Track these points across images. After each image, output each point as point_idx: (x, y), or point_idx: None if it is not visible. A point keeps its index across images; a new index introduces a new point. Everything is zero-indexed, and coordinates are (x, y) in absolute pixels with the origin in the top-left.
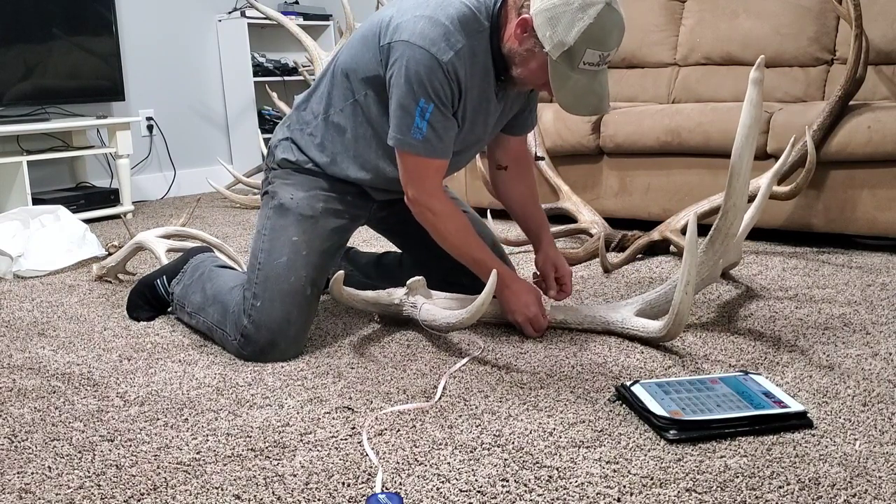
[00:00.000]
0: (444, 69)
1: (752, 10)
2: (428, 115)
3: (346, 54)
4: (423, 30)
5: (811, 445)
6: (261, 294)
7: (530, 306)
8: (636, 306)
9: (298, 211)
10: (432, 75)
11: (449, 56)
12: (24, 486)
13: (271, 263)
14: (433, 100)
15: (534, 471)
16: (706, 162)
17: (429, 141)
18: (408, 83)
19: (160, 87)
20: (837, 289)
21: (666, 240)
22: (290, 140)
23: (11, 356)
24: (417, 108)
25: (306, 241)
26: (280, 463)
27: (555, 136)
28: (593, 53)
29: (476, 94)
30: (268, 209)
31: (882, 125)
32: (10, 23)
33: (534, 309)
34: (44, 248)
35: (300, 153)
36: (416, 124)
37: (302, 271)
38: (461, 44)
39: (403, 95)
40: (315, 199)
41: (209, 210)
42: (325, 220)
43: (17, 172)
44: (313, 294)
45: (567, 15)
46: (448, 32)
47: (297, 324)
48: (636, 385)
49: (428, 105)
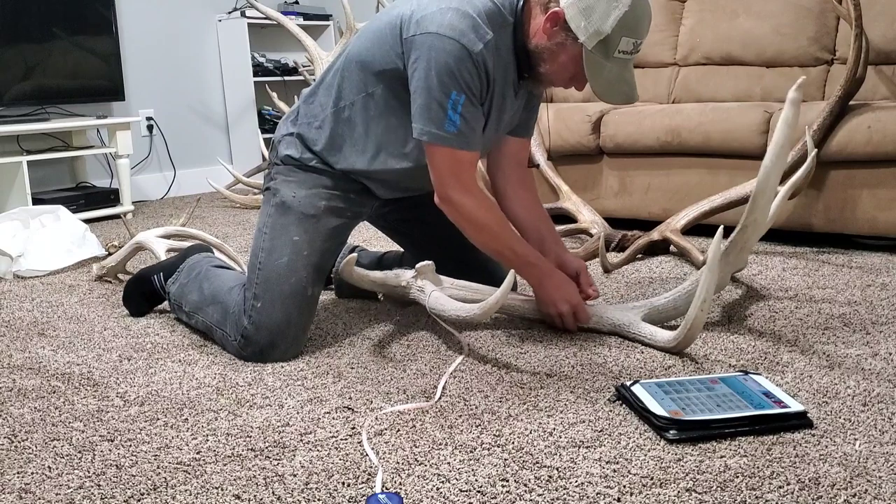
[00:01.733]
0: (474, 60)
1: (752, 10)
2: (460, 108)
3: (360, 46)
4: (452, 21)
5: (811, 445)
6: (261, 295)
7: (574, 295)
8: (643, 310)
9: (300, 209)
10: (462, 66)
11: (479, 47)
12: (24, 486)
13: (272, 264)
14: (465, 91)
15: (534, 471)
16: (706, 162)
17: (462, 133)
18: (439, 76)
19: (160, 87)
20: (837, 289)
21: (666, 240)
22: (296, 135)
23: (11, 356)
24: (449, 101)
25: (308, 240)
26: (280, 463)
27: (555, 136)
28: (627, 41)
29: (500, 89)
30: (269, 206)
31: (882, 125)
32: (10, 23)
33: (577, 298)
34: (44, 248)
35: (305, 149)
36: (450, 117)
37: (303, 272)
38: (489, 35)
39: (434, 88)
40: (317, 198)
41: (209, 210)
42: (326, 218)
43: (17, 172)
44: (314, 294)
45: (601, 4)
46: (477, 24)
47: (298, 325)
48: (636, 385)
49: (460, 97)
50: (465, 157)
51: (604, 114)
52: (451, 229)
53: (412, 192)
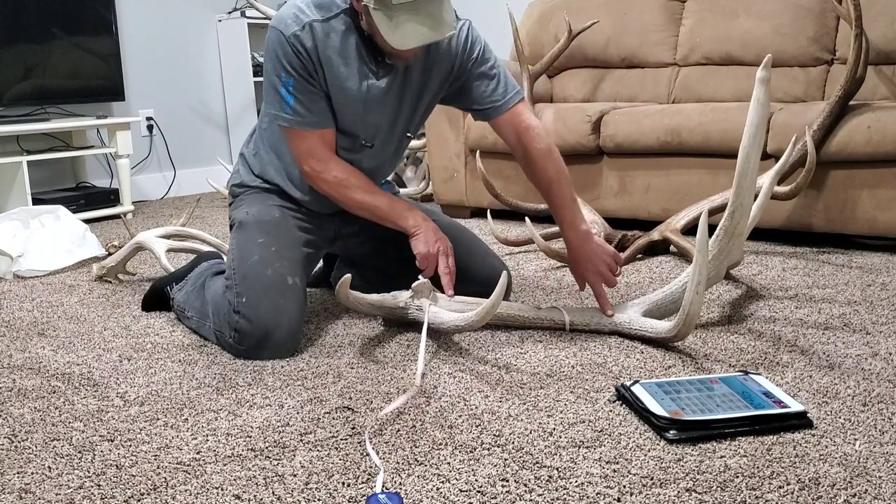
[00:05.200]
0: (289, 41)
1: (752, 10)
2: (291, 88)
3: None
4: (280, 14)
5: (811, 445)
6: (244, 291)
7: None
8: (643, 307)
9: (257, 219)
10: (281, 49)
11: (293, 30)
12: (24, 486)
13: (245, 264)
14: (291, 73)
15: (534, 471)
16: (706, 162)
17: (299, 113)
18: (269, 61)
19: (160, 87)
20: (837, 289)
21: (666, 240)
22: (240, 166)
23: (11, 356)
24: (281, 84)
25: (273, 239)
26: (280, 463)
27: (555, 137)
28: None
29: (343, 71)
30: (232, 234)
31: (882, 125)
32: (10, 23)
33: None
34: (44, 248)
35: (248, 173)
36: (284, 98)
37: (276, 264)
38: (308, 19)
39: (268, 73)
40: (270, 209)
41: (209, 210)
42: (285, 221)
43: (17, 172)
44: (296, 284)
45: None
46: (299, 11)
47: (288, 312)
48: (636, 385)
49: (288, 78)
50: (311, 136)
51: (604, 114)
52: None
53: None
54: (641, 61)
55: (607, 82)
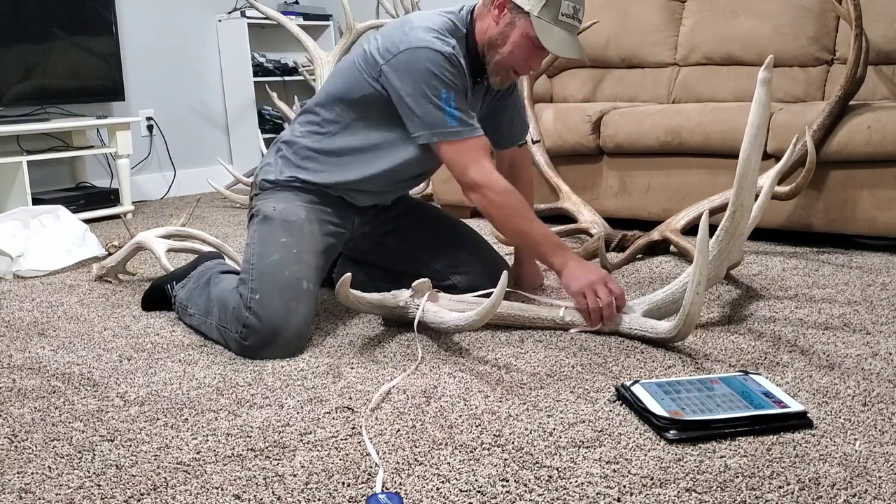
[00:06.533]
0: (449, 59)
1: (752, 10)
2: (453, 103)
3: (335, 83)
4: (418, 36)
5: (811, 445)
6: (258, 288)
7: (609, 278)
8: (643, 307)
9: (283, 217)
10: (440, 67)
11: (448, 49)
12: (24, 486)
13: (264, 261)
14: (451, 88)
15: (534, 471)
16: (706, 162)
17: (464, 121)
18: (425, 82)
19: (160, 87)
20: (837, 289)
21: (666, 240)
22: (274, 163)
23: (11, 356)
24: (442, 101)
25: (295, 241)
26: (280, 463)
27: (555, 136)
28: (567, 5)
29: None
30: (254, 224)
31: (882, 125)
32: (10, 23)
33: (612, 281)
34: (44, 248)
35: (282, 171)
36: (448, 112)
37: (295, 266)
38: (453, 42)
39: (426, 94)
40: (298, 208)
41: (209, 210)
42: (310, 225)
43: (17, 172)
44: (310, 289)
45: None
46: (440, 34)
47: (299, 314)
48: (636, 385)
49: (449, 94)
50: (475, 144)
51: (604, 114)
52: (431, 227)
53: (387, 194)
54: (641, 61)
55: (607, 82)
